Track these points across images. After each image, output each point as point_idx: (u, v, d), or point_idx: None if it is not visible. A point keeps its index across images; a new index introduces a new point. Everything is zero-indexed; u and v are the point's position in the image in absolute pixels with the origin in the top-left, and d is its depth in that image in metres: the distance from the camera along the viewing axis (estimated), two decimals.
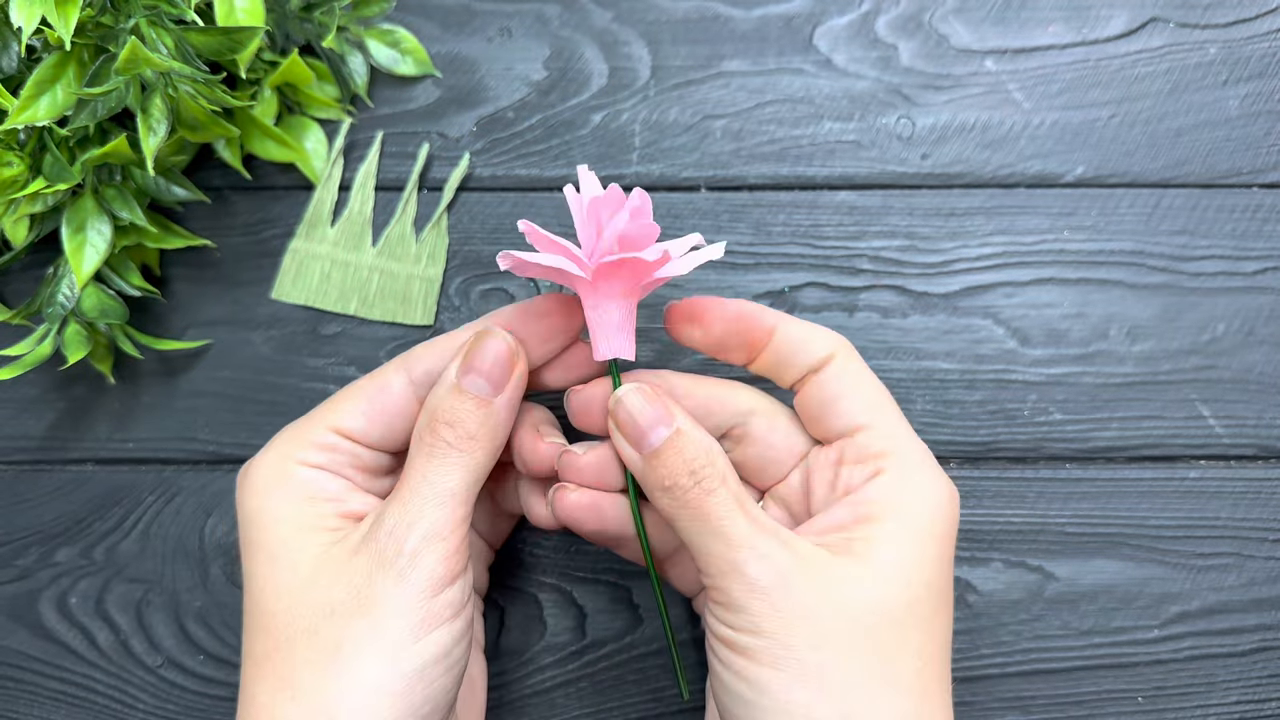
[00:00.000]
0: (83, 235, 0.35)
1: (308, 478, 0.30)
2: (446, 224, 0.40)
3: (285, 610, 0.28)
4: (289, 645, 0.27)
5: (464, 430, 0.29)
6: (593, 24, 0.41)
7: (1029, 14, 0.41)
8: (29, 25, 0.31)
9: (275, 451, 0.30)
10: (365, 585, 0.27)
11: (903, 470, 0.29)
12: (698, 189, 0.40)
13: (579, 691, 0.37)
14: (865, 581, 0.28)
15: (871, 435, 0.30)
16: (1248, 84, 0.41)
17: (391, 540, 0.28)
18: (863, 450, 0.30)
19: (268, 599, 0.28)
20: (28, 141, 0.35)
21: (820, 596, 0.27)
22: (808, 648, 0.27)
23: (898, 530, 0.28)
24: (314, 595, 0.28)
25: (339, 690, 0.26)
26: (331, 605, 0.27)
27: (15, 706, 0.37)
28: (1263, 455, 0.38)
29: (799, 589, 0.27)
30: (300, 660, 0.27)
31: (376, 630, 0.27)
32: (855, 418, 0.30)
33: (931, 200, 0.40)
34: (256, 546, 0.29)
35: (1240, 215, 0.40)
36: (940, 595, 0.29)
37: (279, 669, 0.27)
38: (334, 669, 0.27)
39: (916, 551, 0.28)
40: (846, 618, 0.27)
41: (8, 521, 0.38)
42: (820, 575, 0.28)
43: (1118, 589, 0.37)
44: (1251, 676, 0.37)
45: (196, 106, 0.35)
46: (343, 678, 0.27)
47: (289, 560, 0.28)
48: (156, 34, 0.33)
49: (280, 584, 0.28)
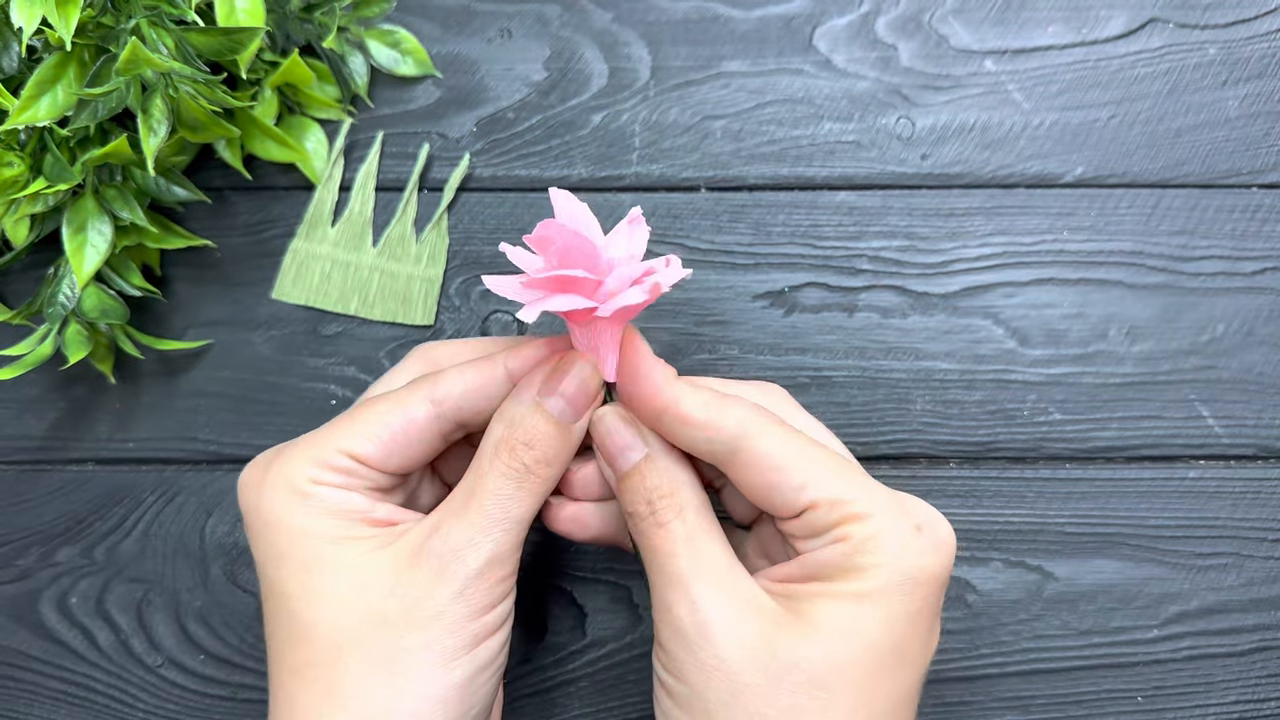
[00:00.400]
0: (83, 235, 0.35)
1: (328, 495, 0.29)
2: (447, 224, 0.40)
3: (330, 621, 0.27)
4: (336, 654, 0.27)
5: (542, 454, 0.29)
6: (593, 25, 0.41)
7: (1028, 14, 0.42)
8: (30, 25, 0.31)
9: (290, 468, 0.29)
10: (423, 599, 0.27)
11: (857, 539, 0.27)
12: (698, 189, 0.40)
13: (579, 691, 0.37)
14: (797, 640, 0.26)
15: (819, 513, 0.28)
16: (1247, 84, 0.41)
17: (456, 559, 0.27)
18: (812, 527, 0.28)
19: (307, 609, 0.28)
20: (28, 142, 0.35)
21: (743, 651, 0.26)
22: (718, 703, 0.26)
23: (843, 592, 0.27)
24: (363, 605, 0.27)
25: (390, 700, 0.26)
26: (385, 616, 0.27)
27: (15, 706, 0.37)
28: (1262, 455, 0.38)
29: (721, 641, 0.26)
30: (349, 670, 0.27)
31: (431, 643, 0.27)
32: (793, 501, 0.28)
33: (931, 200, 0.40)
34: (285, 558, 0.28)
35: (1239, 215, 0.40)
36: (890, 656, 0.27)
37: (325, 678, 0.27)
38: (386, 679, 0.27)
39: (861, 613, 0.27)
40: (766, 675, 0.26)
41: (8, 521, 0.38)
42: (752, 629, 0.27)
43: (1117, 589, 0.37)
44: (1250, 676, 0.37)
45: (197, 107, 0.35)
46: (395, 688, 0.27)
47: (328, 571, 0.28)
48: (157, 34, 0.34)
49: (322, 593, 0.28)
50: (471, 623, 0.27)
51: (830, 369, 0.39)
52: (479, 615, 0.28)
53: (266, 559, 0.29)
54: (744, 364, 0.39)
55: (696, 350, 0.39)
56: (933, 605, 0.28)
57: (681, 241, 0.40)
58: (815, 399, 0.39)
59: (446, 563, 0.27)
